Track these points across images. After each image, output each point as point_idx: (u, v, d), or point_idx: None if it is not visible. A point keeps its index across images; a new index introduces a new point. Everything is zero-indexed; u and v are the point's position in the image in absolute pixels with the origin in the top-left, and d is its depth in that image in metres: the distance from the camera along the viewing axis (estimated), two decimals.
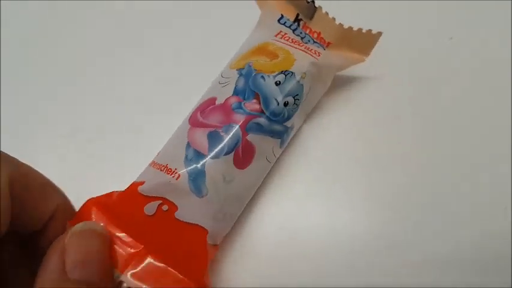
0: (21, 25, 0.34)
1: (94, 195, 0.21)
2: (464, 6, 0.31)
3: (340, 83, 0.28)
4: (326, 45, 0.26)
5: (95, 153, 0.28)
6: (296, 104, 0.23)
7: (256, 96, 0.22)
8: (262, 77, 0.23)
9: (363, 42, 0.26)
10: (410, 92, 0.29)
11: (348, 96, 0.28)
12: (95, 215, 0.21)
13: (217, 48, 0.30)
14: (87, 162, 0.28)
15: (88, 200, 0.22)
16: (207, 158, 0.21)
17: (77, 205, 0.21)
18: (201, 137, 0.21)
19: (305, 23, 0.27)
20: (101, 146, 0.28)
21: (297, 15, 0.27)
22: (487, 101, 0.28)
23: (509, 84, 0.28)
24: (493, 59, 0.29)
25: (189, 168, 0.21)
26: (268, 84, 0.23)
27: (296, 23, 0.27)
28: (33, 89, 0.31)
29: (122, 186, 0.22)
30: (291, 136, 0.25)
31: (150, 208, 0.21)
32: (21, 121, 0.30)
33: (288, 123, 0.23)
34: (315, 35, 0.26)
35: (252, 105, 0.22)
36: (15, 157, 0.18)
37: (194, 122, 0.22)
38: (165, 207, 0.21)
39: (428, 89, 0.28)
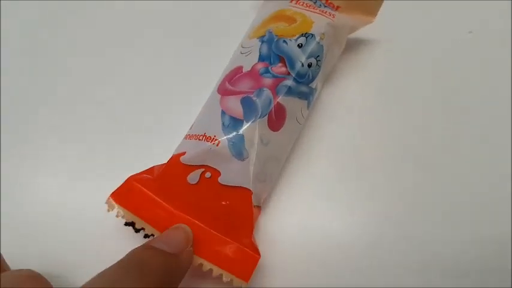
0: (21, 25, 0.34)
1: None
2: None
3: (350, 47, 0.29)
4: (335, 9, 0.27)
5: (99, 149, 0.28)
6: (318, 65, 0.24)
7: (281, 60, 0.23)
8: (285, 41, 0.23)
9: (369, 3, 0.27)
10: (418, 55, 0.29)
11: (360, 60, 0.29)
12: (137, 191, 0.22)
13: (217, 48, 0.30)
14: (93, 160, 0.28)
15: (129, 177, 0.22)
16: (244, 123, 0.22)
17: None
18: (234, 104, 0.22)
19: None
20: (103, 144, 0.28)
21: None
22: (494, 90, 0.28)
23: None
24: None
25: (228, 134, 0.21)
26: (291, 47, 0.23)
27: None
28: (33, 88, 0.31)
29: None
30: (315, 98, 0.25)
31: (194, 177, 0.22)
32: (22, 120, 0.30)
33: (313, 85, 0.24)
34: (324, 1, 0.27)
35: (279, 68, 0.23)
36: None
37: (224, 91, 0.23)
38: (208, 174, 0.22)
39: (438, 54, 0.29)
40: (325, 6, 0.27)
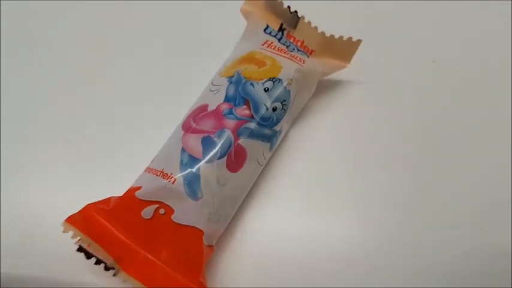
0: (21, 25, 0.34)
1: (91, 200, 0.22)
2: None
3: (324, 88, 0.30)
4: (310, 53, 0.28)
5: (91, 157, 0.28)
6: (284, 109, 0.25)
7: (246, 102, 0.23)
8: (252, 84, 0.24)
9: (344, 49, 0.28)
10: (392, 96, 0.30)
11: (332, 101, 0.30)
12: (93, 219, 0.22)
13: (207, 56, 0.31)
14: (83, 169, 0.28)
15: (87, 205, 0.22)
16: (201, 162, 0.22)
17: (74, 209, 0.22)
18: (195, 142, 0.22)
19: (289, 32, 0.28)
20: (98, 150, 0.29)
21: (281, 25, 0.28)
22: (469, 112, 0.30)
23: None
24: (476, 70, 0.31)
25: (185, 172, 0.22)
26: (257, 90, 0.24)
27: (280, 33, 0.28)
28: (32, 90, 0.31)
29: (117, 192, 0.23)
30: (279, 140, 0.26)
31: (148, 212, 0.22)
32: (20, 123, 0.30)
33: (277, 128, 0.25)
34: (299, 44, 0.28)
35: (243, 111, 0.23)
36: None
37: (187, 128, 0.23)
38: (162, 211, 0.22)
39: (410, 95, 0.30)
40: (298, 51, 0.27)
